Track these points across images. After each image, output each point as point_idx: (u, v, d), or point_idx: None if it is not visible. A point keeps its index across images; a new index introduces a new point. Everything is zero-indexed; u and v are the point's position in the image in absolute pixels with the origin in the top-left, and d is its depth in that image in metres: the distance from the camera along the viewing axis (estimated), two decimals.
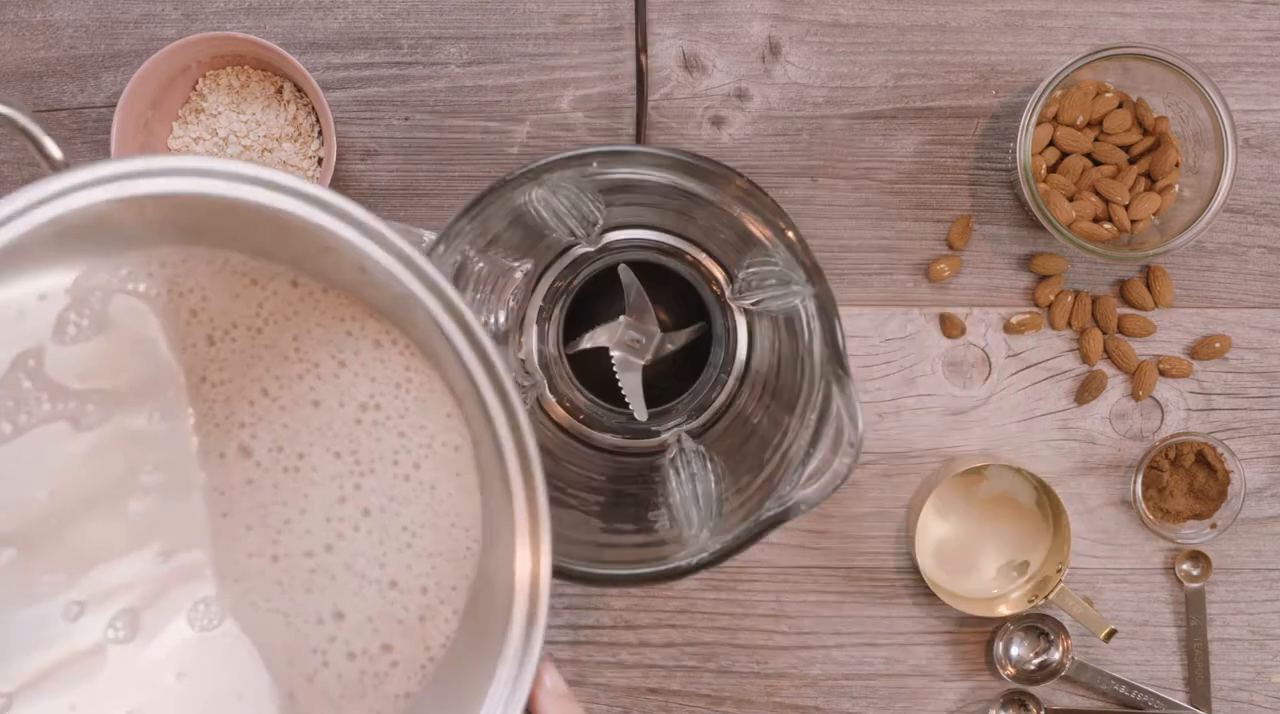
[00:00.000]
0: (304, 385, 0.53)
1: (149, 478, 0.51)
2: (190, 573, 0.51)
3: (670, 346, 0.73)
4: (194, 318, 0.51)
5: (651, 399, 0.72)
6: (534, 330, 0.72)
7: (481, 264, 0.65)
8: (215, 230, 0.50)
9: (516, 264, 0.70)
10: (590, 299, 0.74)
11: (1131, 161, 0.77)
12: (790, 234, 0.62)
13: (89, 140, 0.78)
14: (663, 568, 0.63)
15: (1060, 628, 0.78)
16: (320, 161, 0.77)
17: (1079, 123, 0.76)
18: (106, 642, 0.50)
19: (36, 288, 0.48)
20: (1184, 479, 0.78)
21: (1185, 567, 0.79)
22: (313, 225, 0.49)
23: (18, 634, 0.48)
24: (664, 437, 0.73)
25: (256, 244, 0.51)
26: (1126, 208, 0.75)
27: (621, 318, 0.72)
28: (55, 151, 0.49)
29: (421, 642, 0.52)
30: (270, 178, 0.48)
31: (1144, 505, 0.78)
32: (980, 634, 0.79)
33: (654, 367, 0.73)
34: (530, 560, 0.50)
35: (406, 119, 0.79)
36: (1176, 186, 0.76)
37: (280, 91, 0.78)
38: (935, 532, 0.79)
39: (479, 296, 0.67)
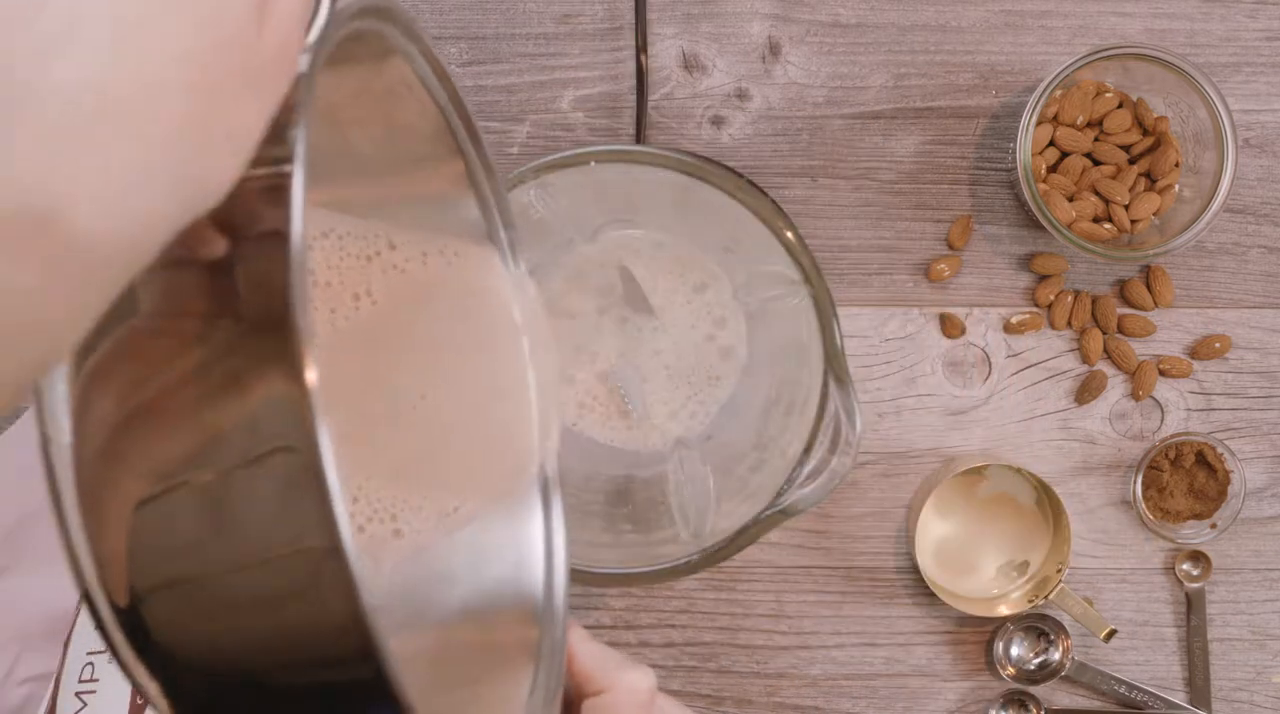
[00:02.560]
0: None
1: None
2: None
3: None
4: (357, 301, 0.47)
5: None
6: None
7: None
8: (344, 125, 0.46)
9: None
10: None
11: (1131, 161, 0.76)
12: (790, 234, 0.62)
13: None
14: (663, 568, 0.64)
15: (1060, 628, 0.78)
16: None
17: (1079, 123, 0.76)
18: None
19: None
20: (1184, 479, 0.78)
21: (1185, 567, 0.79)
22: (454, 128, 0.49)
23: None
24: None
25: (366, 144, 0.48)
26: (1126, 208, 0.75)
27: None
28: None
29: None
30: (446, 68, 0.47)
31: (1144, 505, 0.78)
32: (980, 634, 0.79)
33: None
34: None
35: None
36: (1176, 186, 0.76)
37: None
38: (935, 532, 0.79)
39: None
